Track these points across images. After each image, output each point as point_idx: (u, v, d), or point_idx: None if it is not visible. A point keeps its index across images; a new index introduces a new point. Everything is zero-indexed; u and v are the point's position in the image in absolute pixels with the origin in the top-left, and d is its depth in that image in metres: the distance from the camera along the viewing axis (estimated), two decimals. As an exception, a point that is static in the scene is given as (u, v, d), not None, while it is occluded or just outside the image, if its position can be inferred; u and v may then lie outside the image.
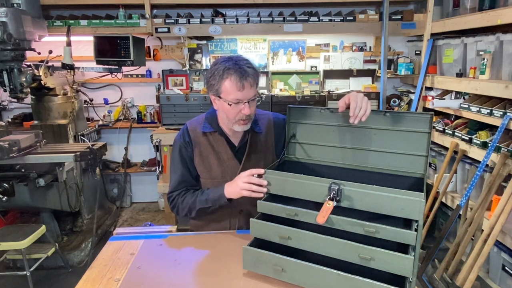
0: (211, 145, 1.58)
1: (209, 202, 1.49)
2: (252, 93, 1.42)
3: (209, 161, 1.58)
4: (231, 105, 1.41)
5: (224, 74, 1.40)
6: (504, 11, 2.29)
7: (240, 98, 1.40)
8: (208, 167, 1.58)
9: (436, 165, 3.11)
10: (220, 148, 1.57)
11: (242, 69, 1.40)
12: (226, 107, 1.44)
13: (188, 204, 1.54)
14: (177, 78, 3.82)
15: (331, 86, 3.88)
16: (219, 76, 1.41)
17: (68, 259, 2.97)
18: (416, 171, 1.31)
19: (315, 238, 1.12)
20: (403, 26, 3.42)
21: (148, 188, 4.22)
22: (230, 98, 1.41)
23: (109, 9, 3.58)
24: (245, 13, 3.70)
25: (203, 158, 1.58)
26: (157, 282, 1.21)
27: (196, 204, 1.52)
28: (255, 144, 1.60)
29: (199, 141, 1.58)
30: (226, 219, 1.61)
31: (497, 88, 2.36)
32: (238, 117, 1.44)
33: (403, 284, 1.02)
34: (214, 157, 1.58)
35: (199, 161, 1.58)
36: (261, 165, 1.58)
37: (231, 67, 1.40)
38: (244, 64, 1.41)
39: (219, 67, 1.41)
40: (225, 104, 1.43)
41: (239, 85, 1.38)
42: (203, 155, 1.58)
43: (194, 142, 1.58)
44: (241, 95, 1.40)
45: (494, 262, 2.32)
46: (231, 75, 1.39)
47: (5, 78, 2.63)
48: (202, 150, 1.58)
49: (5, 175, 2.54)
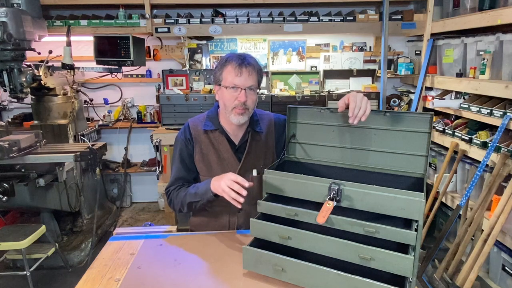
0: (211, 143, 1.59)
1: (198, 196, 1.49)
2: (250, 81, 1.48)
3: (209, 159, 1.59)
4: (227, 89, 1.47)
5: (225, 62, 1.49)
6: (504, 11, 2.29)
7: (237, 84, 1.46)
8: (208, 164, 1.60)
9: (436, 165, 3.11)
10: (221, 146, 1.59)
11: (243, 57, 1.49)
12: (224, 94, 1.50)
13: (180, 198, 1.56)
14: (177, 78, 3.82)
15: (331, 86, 3.88)
16: (221, 65, 1.51)
17: (68, 259, 2.97)
18: (416, 171, 1.31)
19: (315, 238, 1.12)
20: (403, 26, 3.42)
21: (148, 188, 4.22)
22: (228, 83, 1.47)
23: (109, 9, 3.58)
24: (245, 13, 3.70)
25: (203, 156, 1.60)
26: (157, 282, 1.21)
27: (186, 197, 1.53)
28: (256, 143, 1.61)
29: (200, 138, 1.60)
30: (225, 218, 1.61)
31: (497, 88, 2.36)
32: (234, 104, 1.48)
33: (403, 284, 1.02)
34: (214, 155, 1.59)
35: (199, 158, 1.60)
36: (261, 165, 1.60)
37: (234, 56, 1.50)
38: (247, 56, 1.51)
39: (223, 58, 1.52)
40: (225, 91, 1.49)
41: (237, 70, 1.46)
42: (203, 152, 1.60)
43: (195, 140, 1.60)
44: (238, 80, 1.46)
45: (494, 262, 2.32)
46: (231, 61, 1.48)
47: (5, 78, 2.63)
48: (203, 148, 1.60)
49: (5, 175, 2.54)
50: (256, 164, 1.61)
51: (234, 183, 1.30)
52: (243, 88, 1.47)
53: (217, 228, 1.61)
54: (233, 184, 1.30)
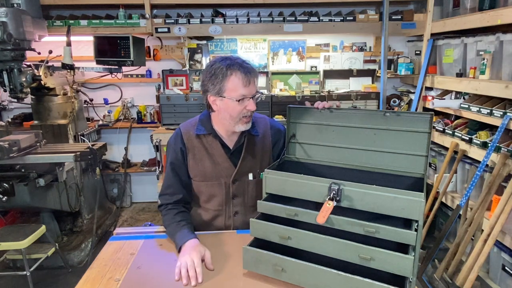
0: (205, 148, 1.55)
1: (172, 238, 1.44)
2: (254, 89, 1.44)
3: (203, 164, 1.56)
4: (238, 101, 1.41)
5: (228, 72, 1.40)
6: (504, 11, 2.29)
7: (245, 94, 1.41)
8: (203, 170, 1.56)
9: (436, 165, 3.11)
10: (214, 150, 1.55)
11: (244, 65, 1.42)
12: (230, 106, 1.42)
13: (164, 223, 1.52)
14: (177, 78, 3.83)
15: (331, 86, 3.88)
16: (222, 75, 1.40)
17: (68, 259, 2.97)
18: (416, 171, 1.30)
19: (315, 238, 1.11)
20: (403, 26, 3.42)
21: (148, 188, 4.22)
22: (236, 95, 1.40)
23: (109, 9, 3.58)
24: (245, 13, 3.70)
25: (197, 161, 1.56)
26: (157, 282, 1.21)
27: (166, 228, 1.49)
28: (252, 146, 1.58)
29: (192, 144, 1.55)
30: (221, 221, 1.61)
31: (497, 88, 2.36)
32: (242, 114, 1.44)
33: (403, 284, 1.02)
34: (208, 160, 1.56)
35: (193, 164, 1.56)
36: (257, 169, 1.59)
37: (234, 64, 1.40)
38: (243, 62, 1.44)
39: (220, 66, 1.41)
40: (230, 102, 1.42)
41: (245, 80, 1.39)
42: (196, 158, 1.56)
43: (188, 147, 1.55)
44: (246, 90, 1.41)
45: (494, 262, 2.32)
46: (236, 71, 1.39)
47: (5, 78, 2.62)
48: (196, 153, 1.56)
49: (5, 175, 2.54)
50: (252, 168, 1.58)
51: (192, 269, 1.21)
52: (251, 97, 1.43)
53: (213, 230, 1.60)
54: (191, 269, 1.21)
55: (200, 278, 1.20)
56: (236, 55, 1.79)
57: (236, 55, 1.49)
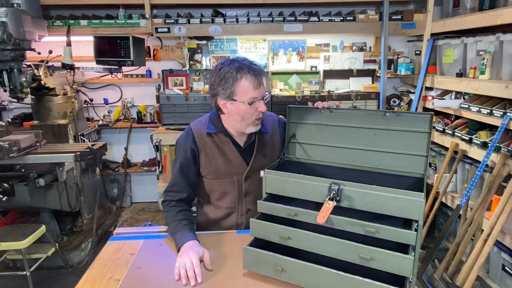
0: (217, 146, 1.56)
1: (172, 236, 1.45)
2: (264, 90, 1.44)
3: (216, 162, 1.56)
4: (251, 104, 1.41)
5: (238, 75, 1.39)
6: (504, 11, 2.29)
7: (256, 96, 1.41)
8: (215, 167, 1.57)
9: (436, 165, 3.11)
10: (226, 148, 1.56)
11: (253, 67, 1.41)
12: (242, 109, 1.42)
13: (166, 220, 1.52)
14: (177, 78, 3.83)
15: (331, 86, 3.88)
16: (232, 78, 1.39)
17: (68, 259, 2.97)
18: (416, 171, 1.31)
19: (315, 238, 1.12)
20: (403, 26, 3.42)
21: (148, 188, 4.22)
22: (248, 98, 1.40)
23: (109, 9, 3.58)
24: (245, 13, 3.70)
25: (210, 160, 1.56)
26: (157, 282, 1.21)
27: (168, 226, 1.50)
28: (262, 144, 1.59)
29: (204, 142, 1.56)
30: (233, 219, 1.61)
31: (497, 88, 2.36)
32: (254, 116, 1.44)
33: (403, 284, 1.02)
34: (221, 158, 1.56)
35: (206, 162, 1.56)
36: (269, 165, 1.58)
37: (243, 67, 1.40)
38: (251, 63, 1.44)
39: (230, 70, 1.40)
40: (242, 105, 1.42)
41: (256, 83, 1.40)
42: (209, 156, 1.56)
43: (200, 146, 1.55)
44: (257, 93, 1.41)
45: (494, 262, 2.32)
46: (246, 74, 1.39)
47: (5, 78, 2.63)
48: (208, 151, 1.56)
49: (5, 175, 2.54)
50: (263, 165, 1.56)
51: (191, 269, 1.21)
52: (261, 98, 1.43)
53: (224, 228, 1.61)
54: (189, 270, 1.21)
55: (199, 278, 1.20)
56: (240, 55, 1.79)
57: (242, 56, 1.49)
